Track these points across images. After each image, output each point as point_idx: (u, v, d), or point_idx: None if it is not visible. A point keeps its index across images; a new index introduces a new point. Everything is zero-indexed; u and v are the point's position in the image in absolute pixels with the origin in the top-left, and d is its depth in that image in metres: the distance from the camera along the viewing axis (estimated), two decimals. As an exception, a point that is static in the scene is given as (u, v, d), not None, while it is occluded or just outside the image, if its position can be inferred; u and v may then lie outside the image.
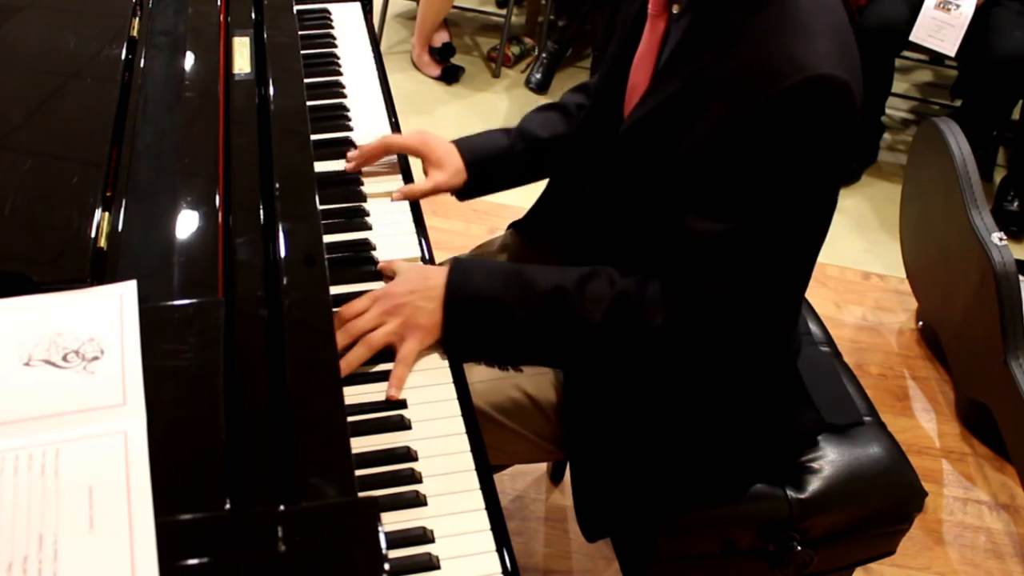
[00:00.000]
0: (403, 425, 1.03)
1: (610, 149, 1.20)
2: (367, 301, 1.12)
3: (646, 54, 1.18)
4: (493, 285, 1.13)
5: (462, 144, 1.39)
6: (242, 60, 1.35)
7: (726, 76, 1.04)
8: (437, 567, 0.90)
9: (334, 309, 1.11)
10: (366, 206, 1.31)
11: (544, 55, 3.40)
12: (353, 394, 1.05)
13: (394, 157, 1.40)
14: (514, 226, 1.57)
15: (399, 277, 1.16)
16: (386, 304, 1.10)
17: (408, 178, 1.39)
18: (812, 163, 1.02)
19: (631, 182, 1.18)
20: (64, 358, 0.83)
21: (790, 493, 1.28)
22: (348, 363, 1.07)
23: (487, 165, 1.39)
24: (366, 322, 1.10)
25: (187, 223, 1.04)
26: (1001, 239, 2.03)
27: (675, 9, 1.13)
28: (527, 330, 1.13)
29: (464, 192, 1.40)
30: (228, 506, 0.76)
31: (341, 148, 1.39)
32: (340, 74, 1.56)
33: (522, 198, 2.71)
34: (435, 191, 1.37)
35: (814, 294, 1.08)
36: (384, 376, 1.08)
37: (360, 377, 1.07)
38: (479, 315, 1.12)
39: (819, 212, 1.07)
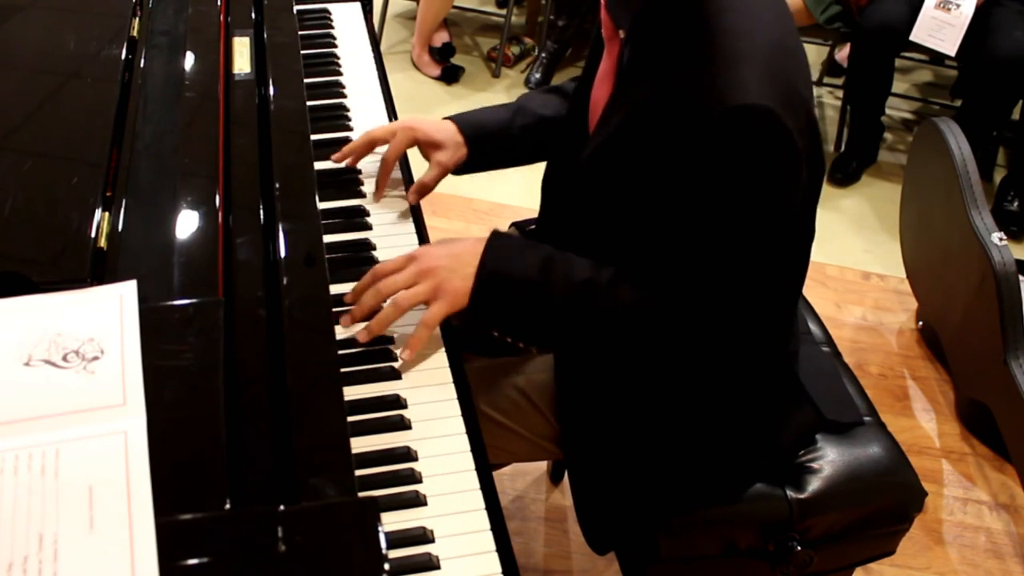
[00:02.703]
0: (403, 425, 1.03)
1: (576, 171, 1.20)
2: (402, 260, 1.12)
3: (606, 75, 1.18)
4: (530, 264, 1.12)
5: (458, 119, 1.38)
6: (242, 60, 1.35)
7: (662, 106, 1.04)
8: (437, 567, 0.90)
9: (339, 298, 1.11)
10: (366, 206, 1.31)
11: (544, 55, 3.41)
12: (353, 394, 1.05)
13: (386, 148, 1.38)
14: (516, 226, 1.57)
15: (436, 242, 1.15)
16: (422, 264, 1.10)
17: (406, 171, 1.38)
18: (750, 189, 1.01)
19: (599, 203, 1.18)
20: (64, 358, 0.83)
21: (790, 493, 1.28)
22: (379, 323, 1.08)
23: (487, 139, 1.38)
24: (401, 280, 1.10)
25: (187, 223, 1.04)
26: (1001, 239, 2.03)
27: (621, 34, 1.13)
28: (552, 317, 1.13)
29: (463, 167, 1.38)
30: (228, 506, 0.76)
31: (341, 148, 1.39)
32: (340, 74, 1.56)
33: (522, 198, 2.72)
34: (444, 173, 1.36)
35: (814, 294, 1.08)
36: (384, 375, 1.08)
37: (360, 377, 1.07)
38: (508, 294, 1.12)
39: (776, 233, 1.06)
